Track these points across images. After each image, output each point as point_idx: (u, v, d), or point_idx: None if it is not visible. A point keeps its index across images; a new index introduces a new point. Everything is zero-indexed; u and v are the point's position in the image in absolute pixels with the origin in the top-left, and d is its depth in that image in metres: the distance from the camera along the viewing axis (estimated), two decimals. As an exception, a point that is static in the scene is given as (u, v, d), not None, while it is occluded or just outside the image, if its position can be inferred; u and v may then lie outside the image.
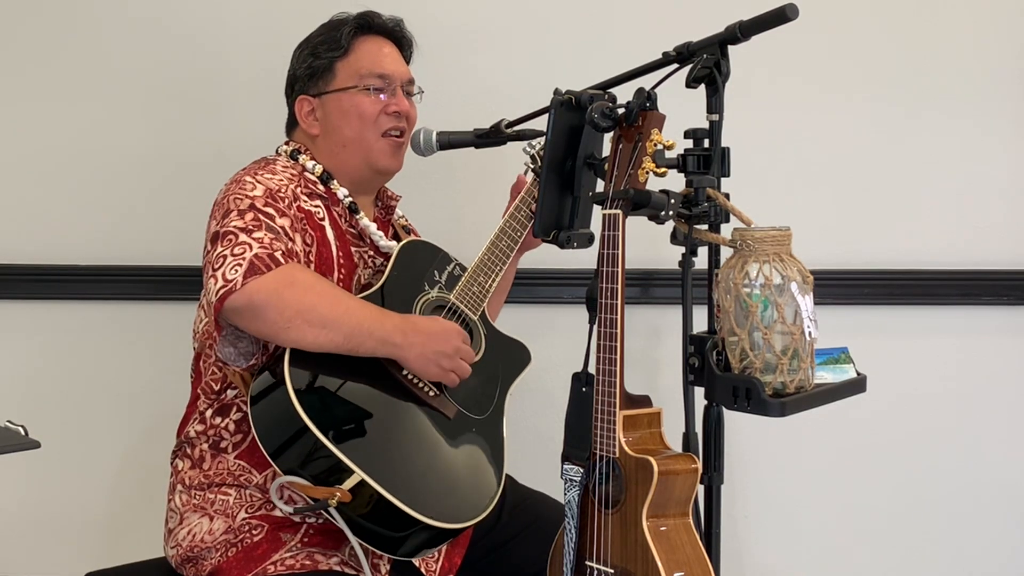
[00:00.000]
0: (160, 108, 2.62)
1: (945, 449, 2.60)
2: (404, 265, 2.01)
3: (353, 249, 2.02)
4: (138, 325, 2.65)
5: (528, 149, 2.10)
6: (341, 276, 1.97)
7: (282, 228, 1.86)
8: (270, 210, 1.87)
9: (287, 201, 1.92)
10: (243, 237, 1.80)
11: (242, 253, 1.78)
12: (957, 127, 2.55)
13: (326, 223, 1.98)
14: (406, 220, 2.26)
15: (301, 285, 1.80)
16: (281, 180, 1.95)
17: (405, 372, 1.89)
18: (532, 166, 2.11)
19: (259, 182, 1.92)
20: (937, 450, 2.60)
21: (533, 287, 2.45)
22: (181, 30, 2.60)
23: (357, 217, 2.04)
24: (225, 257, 1.78)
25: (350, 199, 2.04)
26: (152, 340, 2.63)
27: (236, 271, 1.75)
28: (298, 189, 1.97)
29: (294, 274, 1.80)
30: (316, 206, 1.99)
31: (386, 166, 2.07)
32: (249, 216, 1.84)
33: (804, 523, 2.64)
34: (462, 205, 2.59)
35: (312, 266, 1.92)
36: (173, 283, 2.60)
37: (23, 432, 1.53)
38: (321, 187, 2.02)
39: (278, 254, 1.80)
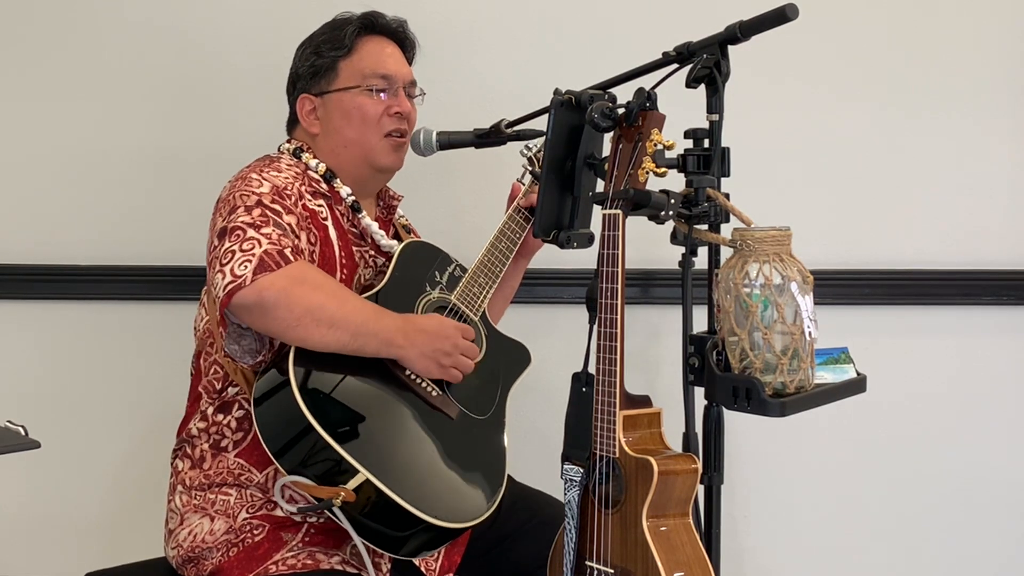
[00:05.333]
0: (160, 108, 2.62)
1: (945, 449, 2.60)
2: (405, 266, 2.01)
3: (355, 249, 2.02)
4: (138, 325, 2.65)
5: (525, 151, 2.10)
6: (343, 276, 1.97)
7: (289, 225, 1.85)
8: (277, 207, 1.87)
9: (293, 199, 1.91)
10: (251, 233, 1.79)
11: (251, 249, 1.77)
12: (957, 127, 2.55)
13: (329, 222, 1.98)
14: (407, 220, 2.26)
15: (311, 283, 1.79)
16: (287, 178, 1.95)
17: (408, 372, 1.89)
18: (530, 168, 2.11)
19: (265, 179, 1.91)
20: (937, 450, 2.60)
21: (533, 287, 2.45)
22: (181, 29, 2.60)
23: (359, 216, 2.04)
24: (234, 252, 1.77)
25: (353, 198, 2.04)
26: (152, 340, 2.63)
27: (246, 267, 1.74)
28: (302, 187, 1.96)
29: (304, 272, 1.80)
30: (319, 205, 1.98)
31: (387, 164, 2.07)
32: (256, 212, 1.83)
33: (804, 523, 2.64)
34: (462, 205, 2.59)
35: (315, 265, 1.92)
36: (173, 283, 2.60)
37: (23, 432, 1.53)
38: (324, 186, 2.02)
39: (287, 251, 1.79)
